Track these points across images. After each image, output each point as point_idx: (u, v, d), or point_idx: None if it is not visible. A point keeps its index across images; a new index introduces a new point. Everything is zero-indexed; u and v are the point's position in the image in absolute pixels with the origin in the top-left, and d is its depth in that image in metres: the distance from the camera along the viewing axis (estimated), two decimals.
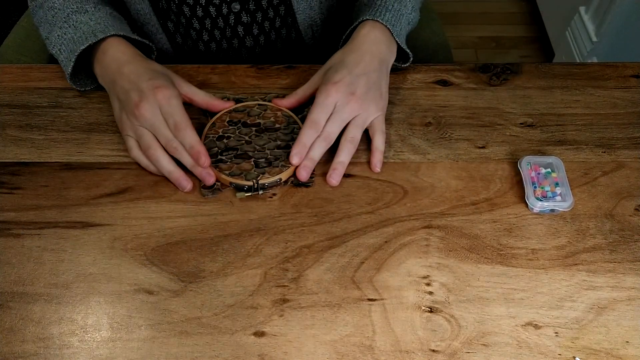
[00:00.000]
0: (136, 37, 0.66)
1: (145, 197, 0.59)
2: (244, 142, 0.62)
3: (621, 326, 0.50)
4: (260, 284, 0.53)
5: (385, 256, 0.55)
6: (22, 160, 0.62)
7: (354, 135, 0.61)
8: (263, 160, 0.60)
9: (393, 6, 0.67)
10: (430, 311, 0.51)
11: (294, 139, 0.61)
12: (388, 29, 0.65)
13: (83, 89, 0.68)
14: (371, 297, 0.52)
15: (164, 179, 0.61)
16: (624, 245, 0.56)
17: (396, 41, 0.67)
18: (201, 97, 0.64)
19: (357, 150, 0.63)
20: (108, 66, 0.63)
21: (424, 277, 0.53)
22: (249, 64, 0.72)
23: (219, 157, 0.60)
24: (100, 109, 0.67)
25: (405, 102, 0.68)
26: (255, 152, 0.61)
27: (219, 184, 0.59)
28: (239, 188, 0.58)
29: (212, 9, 0.73)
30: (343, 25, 0.80)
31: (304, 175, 0.59)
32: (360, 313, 0.51)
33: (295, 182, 0.60)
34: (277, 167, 0.59)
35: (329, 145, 0.60)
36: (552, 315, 0.51)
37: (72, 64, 0.64)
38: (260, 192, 0.58)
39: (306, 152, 0.59)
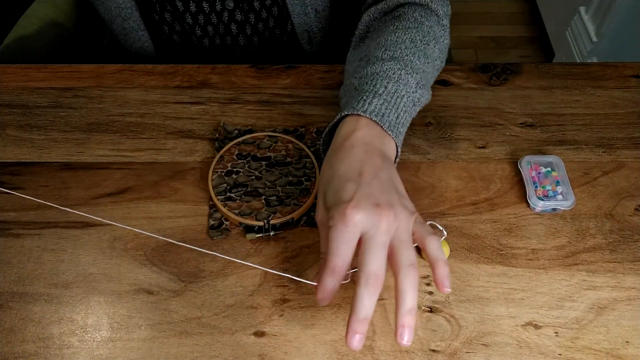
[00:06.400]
0: None
1: (145, 197, 0.59)
2: (254, 177, 0.59)
3: (621, 326, 0.50)
4: (260, 284, 0.53)
5: None
6: (22, 160, 0.62)
7: (410, 257, 0.44)
8: (274, 198, 0.57)
9: (386, 88, 0.53)
10: (430, 311, 0.51)
11: (306, 174, 0.59)
12: (376, 122, 0.51)
13: None
14: None
15: (164, 178, 0.60)
16: (624, 245, 0.56)
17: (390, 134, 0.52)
18: None
19: None
20: None
21: (424, 277, 0.53)
22: (243, 62, 0.72)
23: (228, 194, 0.57)
24: (100, 109, 0.67)
25: None
26: (266, 189, 0.58)
27: (227, 223, 0.57)
28: (249, 229, 0.56)
29: (205, 5, 0.72)
30: (343, 38, 0.79)
31: (355, 344, 0.42)
32: None
33: (308, 222, 0.57)
34: (289, 205, 0.57)
35: (380, 289, 0.43)
36: (552, 315, 0.51)
37: None
38: (272, 234, 0.56)
39: (366, 326, 0.42)
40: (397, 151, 0.53)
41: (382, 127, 0.51)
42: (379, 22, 0.63)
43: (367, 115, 0.51)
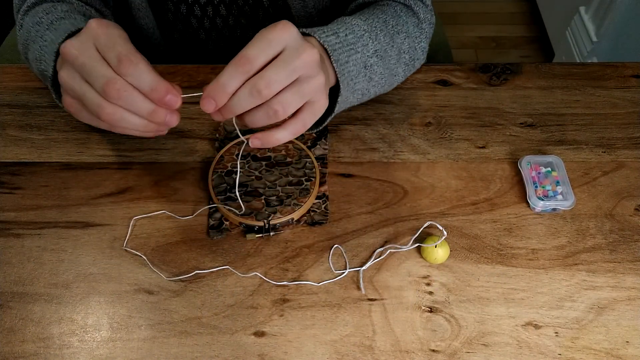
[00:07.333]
0: None
1: (145, 197, 0.59)
2: (254, 177, 0.59)
3: (621, 326, 0.50)
4: (260, 284, 0.53)
5: (385, 256, 0.55)
6: (22, 160, 0.62)
7: (290, 101, 0.44)
8: (274, 198, 0.57)
9: (346, 37, 0.54)
10: (430, 311, 0.51)
11: (306, 174, 0.58)
12: (325, 49, 0.52)
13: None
14: (371, 297, 0.52)
15: (164, 178, 0.60)
16: (624, 245, 0.56)
17: (335, 71, 0.52)
18: (147, 80, 0.43)
19: (357, 150, 0.63)
20: None
21: (424, 277, 0.53)
22: None
23: (228, 194, 0.57)
24: None
25: (405, 102, 0.68)
26: (266, 189, 0.58)
27: (227, 223, 0.57)
28: (249, 229, 0.56)
29: (219, 21, 0.73)
30: None
31: (207, 106, 0.43)
32: (360, 313, 0.51)
33: (309, 222, 0.57)
34: (289, 205, 0.56)
35: (263, 101, 0.43)
36: (552, 315, 0.51)
37: (53, 57, 0.51)
38: (272, 234, 0.56)
39: (223, 97, 0.43)
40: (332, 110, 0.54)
41: (330, 57, 0.52)
42: (360, 8, 0.65)
43: (319, 40, 0.51)
